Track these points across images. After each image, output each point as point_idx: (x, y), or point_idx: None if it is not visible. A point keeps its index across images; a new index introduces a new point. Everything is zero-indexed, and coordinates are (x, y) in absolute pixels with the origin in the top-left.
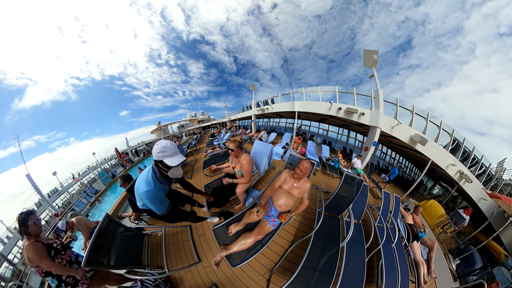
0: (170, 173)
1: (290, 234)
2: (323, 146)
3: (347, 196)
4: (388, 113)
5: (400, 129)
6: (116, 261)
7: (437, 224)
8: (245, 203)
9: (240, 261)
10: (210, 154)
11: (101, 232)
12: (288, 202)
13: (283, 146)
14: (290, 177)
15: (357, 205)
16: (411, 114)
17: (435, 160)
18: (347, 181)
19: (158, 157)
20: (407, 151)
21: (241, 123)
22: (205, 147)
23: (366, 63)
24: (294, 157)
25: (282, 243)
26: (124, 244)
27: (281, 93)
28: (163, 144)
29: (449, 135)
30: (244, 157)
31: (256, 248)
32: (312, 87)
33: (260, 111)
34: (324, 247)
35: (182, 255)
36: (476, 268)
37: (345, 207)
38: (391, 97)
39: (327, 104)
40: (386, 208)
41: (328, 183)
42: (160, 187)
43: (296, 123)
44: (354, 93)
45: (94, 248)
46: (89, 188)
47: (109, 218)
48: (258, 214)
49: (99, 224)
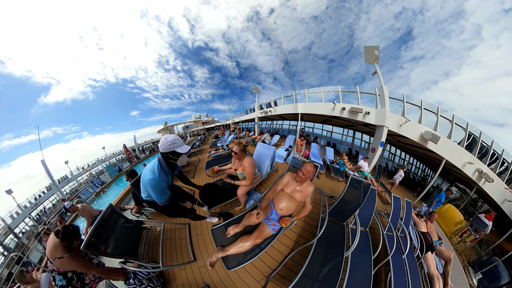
0: (179, 161)
1: (290, 240)
2: (327, 148)
3: (353, 201)
4: (395, 111)
5: (408, 127)
6: (113, 250)
7: (454, 232)
8: (245, 205)
9: (236, 264)
10: (213, 155)
11: (103, 220)
12: (289, 206)
13: (286, 148)
14: (293, 180)
15: (364, 211)
16: (420, 110)
17: (449, 158)
18: (353, 185)
19: (169, 148)
20: (418, 151)
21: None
22: (208, 148)
23: (367, 60)
24: (297, 159)
25: (282, 249)
26: (123, 234)
27: (283, 95)
28: (173, 137)
29: (463, 129)
30: (247, 160)
31: (253, 252)
32: (314, 88)
33: (263, 113)
34: (327, 255)
35: (178, 252)
36: (502, 284)
37: (351, 213)
38: (396, 93)
39: (330, 105)
40: (396, 214)
41: (333, 187)
42: (163, 177)
43: (299, 125)
44: (357, 91)
45: (95, 234)
46: (96, 179)
47: (112, 209)
48: (258, 216)
49: (102, 212)
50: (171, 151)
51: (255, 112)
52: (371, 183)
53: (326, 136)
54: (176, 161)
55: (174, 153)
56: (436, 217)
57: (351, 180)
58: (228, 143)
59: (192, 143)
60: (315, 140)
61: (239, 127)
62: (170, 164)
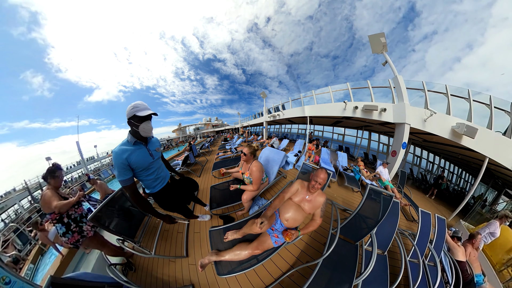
0: (141, 129)
1: (292, 255)
2: (339, 153)
3: (370, 216)
4: (416, 103)
5: (435, 121)
6: (114, 227)
7: (506, 264)
8: (249, 211)
9: (228, 272)
10: (221, 157)
11: (113, 199)
12: (296, 217)
13: (296, 153)
14: (303, 188)
15: (383, 230)
16: (446, 98)
17: (493, 156)
18: (370, 197)
19: (131, 113)
20: (450, 150)
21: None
22: (217, 149)
23: (375, 50)
24: (307, 166)
25: (281, 264)
26: (126, 216)
27: (291, 99)
28: (138, 101)
29: (507, 113)
30: (255, 164)
31: (249, 262)
32: (322, 88)
33: (271, 117)
34: (332, 280)
35: (172, 245)
36: None
37: (367, 231)
38: (414, 82)
39: (340, 105)
40: (424, 235)
41: (347, 198)
42: (123, 149)
43: (308, 128)
44: (369, 86)
45: (103, 209)
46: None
47: (122, 191)
48: (262, 226)
49: (113, 192)
50: (132, 116)
51: (263, 116)
52: (393, 195)
53: (338, 139)
54: (138, 128)
55: (136, 118)
56: (479, 240)
57: (369, 190)
58: (236, 146)
59: (202, 144)
60: (325, 144)
61: (248, 131)
62: (136, 133)
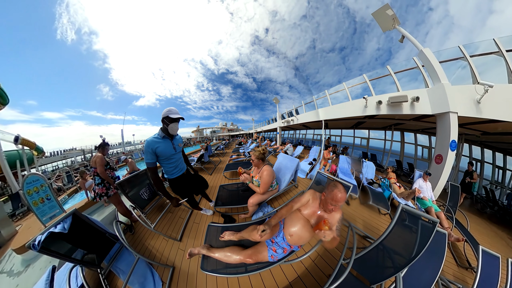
0: (170, 127)
1: (285, 278)
2: (365, 162)
3: (399, 251)
4: (459, 79)
5: (495, 99)
6: (132, 196)
7: None
8: (252, 215)
9: (211, 270)
10: (234, 159)
11: (137, 175)
12: (302, 235)
13: (310, 162)
14: (314, 201)
15: (417, 274)
16: (502, 57)
17: None
18: (403, 222)
19: (165, 114)
20: None
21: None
22: (231, 152)
23: (385, 28)
24: (322, 175)
25: (269, 283)
26: (143, 191)
27: (304, 102)
28: (170, 107)
29: None
30: (266, 168)
31: (236, 269)
32: (335, 87)
33: (285, 123)
34: None
35: (171, 226)
36: None
37: (392, 272)
38: (447, 51)
39: (360, 102)
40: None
41: (370, 221)
42: (154, 139)
43: (323, 133)
44: (391, 73)
45: (127, 181)
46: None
47: (145, 172)
48: (263, 234)
49: (139, 171)
50: (166, 116)
51: (276, 122)
52: (437, 221)
53: (361, 145)
54: (168, 126)
55: (168, 118)
56: None
57: (401, 213)
58: (249, 150)
59: (217, 145)
60: (344, 151)
61: (262, 136)
62: (166, 130)
